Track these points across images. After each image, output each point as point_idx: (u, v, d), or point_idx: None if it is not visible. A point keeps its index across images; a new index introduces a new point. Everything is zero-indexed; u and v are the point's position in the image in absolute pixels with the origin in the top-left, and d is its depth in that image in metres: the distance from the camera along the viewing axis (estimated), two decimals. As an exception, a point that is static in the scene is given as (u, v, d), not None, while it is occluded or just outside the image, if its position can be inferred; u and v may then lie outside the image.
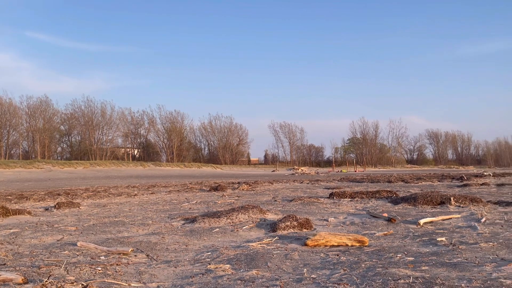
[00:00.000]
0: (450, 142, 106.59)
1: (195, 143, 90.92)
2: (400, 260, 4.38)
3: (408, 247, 5.16)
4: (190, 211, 9.42)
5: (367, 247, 5.14)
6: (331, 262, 4.40)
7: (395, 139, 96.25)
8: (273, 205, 10.45)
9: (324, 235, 5.43)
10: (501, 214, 7.93)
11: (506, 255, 4.56)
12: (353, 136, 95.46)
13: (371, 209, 9.08)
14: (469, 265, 4.12)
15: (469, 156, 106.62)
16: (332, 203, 10.82)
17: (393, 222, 7.21)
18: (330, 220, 7.61)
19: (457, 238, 5.61)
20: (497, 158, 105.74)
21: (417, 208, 9.27)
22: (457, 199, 9.71)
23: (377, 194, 12.23)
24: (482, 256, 4.50)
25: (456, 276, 3.67)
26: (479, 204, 9.40)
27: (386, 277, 3.66)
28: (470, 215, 7.81)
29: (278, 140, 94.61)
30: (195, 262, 4.57)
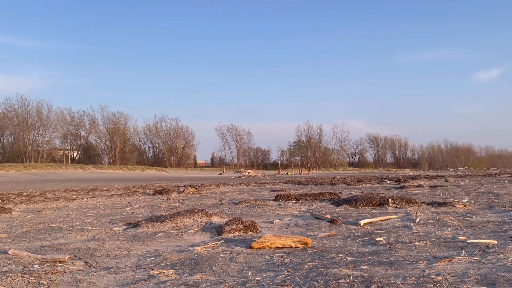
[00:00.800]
0: (389, 146, 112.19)
1: (139, 145, 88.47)
2: (341, 260, 4.53)
3: (349, 247, 5.35)
4: (133, 216, 9.13)
5: (311, 248, 5.26)
6: (275, 264, 4.45)
7: (338, 143, 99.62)
8: (219, 208, 10.40)
9: (269, 238, 5.48)
10: (434, 214, 8.45)
11: (437, 252, 4.86)
12: (298, 140, 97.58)
13: (315, 211, 9.31)
14: (404, 263, 4.34)
15: (406, 159, 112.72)
16: (277, 205, 10.97)
17: (335, 223, 7.44)
18: (276, 222, 7.70)
19: (394, 238, 5.90)
20: (431, 162, 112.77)
21: (358, 209, 9.64)
22: (394, 200, 10.22)
23: (321, 196, 12.57)
24: (416, 254, 4.76)
25: (393, 274, 3.85)
26: (414, 205, 9.96)
27: (328, 277, 3.76)
28: (406, 216, 8.25)
29: (225, 143, 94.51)
30: (137, 268, 4.43)
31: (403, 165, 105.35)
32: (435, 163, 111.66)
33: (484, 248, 4.98)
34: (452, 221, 7.41)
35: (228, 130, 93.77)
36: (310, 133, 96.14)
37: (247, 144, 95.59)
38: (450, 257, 4.52)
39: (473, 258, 4.45)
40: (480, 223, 7.26)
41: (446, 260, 4.35)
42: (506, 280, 3.55)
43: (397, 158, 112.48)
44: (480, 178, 32.74)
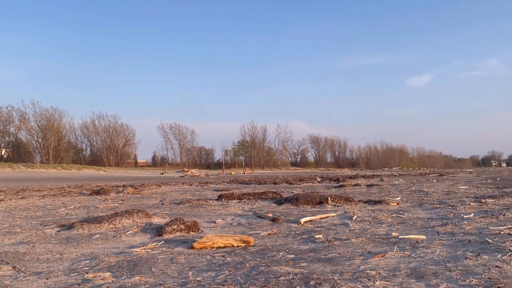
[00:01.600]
0: (329, 146, 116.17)
1: (76, 143, 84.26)
2: (282, 258, 4.60)
3: (289, 245, 5.45)
4: (67, 217, 8.66)
5: (252, 247, 5.29)
6: (217, 263, 4.42)
7: (281, 143, 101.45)
8: (160, 209, 10.17)
9: (211, 237, 5.44)
10: (370, 212, 8.85)
11: (372, 248, 5.08)
12: (242, 139, 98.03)
13: (257, 210, 9.39)
14: (341, 259, 4.50)
15: (345, 159, 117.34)
16: (220, 205, 10.93)
17: (277, 222, 7.55)
18: (218, 222, 7.67)
19: (332, 235, 6.10)
20: (368, 162, 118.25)
21: (299, 208, 9.86)
22: (333, 199, 10.58)
23: (264, 195, 12.71)
24: (352, 251, 4.95)
25: (331, 270, 3.97)
26: (352, 203, 10.38)
27: (268, 275, 3.80)
28: (344, 214, 8.56)
29: (168, 141, 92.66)
30: (71, 271, 4.20)
31: (342, 165, 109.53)
32: (371, 163, 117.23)
33: (414, 243, 5.29)
34: (386, 218, 7.81)
35: (171, 129, 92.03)
36: (254, 133, 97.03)
37: (190, 143, 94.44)
38: (384, 252, 4.75)
39: (404, 253, 4.71)
40: (411, 220, 7.71)
41: (380, 256, 4.57)
42: (433, 273, 3.80)
43: (337, 158, 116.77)
44: (412, 177, 34.84)
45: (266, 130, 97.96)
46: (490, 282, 3.45)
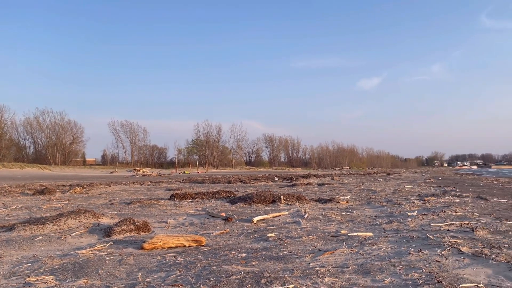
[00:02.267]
0: (283, 146, 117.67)
1: (18, 140, 79.66)
2: (234, 257, 4.60)
3: (242, 244, 5.46)
4: (8, 218, 8.18)
5: (204, 247, 5.25)
6: (167, 264, 4.35)
7: (236, 142, 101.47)
8: (109, 209, 9.84)
9: (162, 238, 5.34)
10: (320, 210, 9.06)
11: (322, 246, 5.21)
12: (196, 138, 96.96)
13: (210, 209, 9.33)
14: (292, 257, 4.57)
15: (298, 159, 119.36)
16: (172, 204, 10.76)
17: (230, 221, 7.54)
18: (170, 222, 7.54)
19: (284, 233, 6.18)
20: (320, 161, 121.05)
21: (252, 206, 9.91)
22: (286, 197, 10.73)
23: (217, 194, 12.66)
24: (303, 248, 5.05)
25: (281, 268, 4.02)
26: (304, 202, 10.58)
27: (220, 274, 3.79)
28: (296, 212, 8.71)
29: (119, 139, 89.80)
30: (11, 275, 3.96)
31: (296, 164, 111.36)
32: (323, 162, 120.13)
33: (362, 240, 5.48)
34: (336, 216, 8.03)
35: (122, 126, 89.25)
36: (208, 131, 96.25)
37: (142, 141, 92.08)
38: (333, 249, 4.88)
39: (352, 250, 4.86)
40: (360, 218, 7.98)
41: (329, 253, 4.69)
42: (378, 269, 3.95)
43: (290, 158, 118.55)
44: (361, 176, 36.08)
45: (220, 129, 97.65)
46: (430, 276, 3.64)
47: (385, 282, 3.51)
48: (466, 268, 3.96)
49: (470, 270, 3.91)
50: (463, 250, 4.72)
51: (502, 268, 3.96)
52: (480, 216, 7.89)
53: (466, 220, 7.34)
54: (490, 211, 8.80)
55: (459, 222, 7.01)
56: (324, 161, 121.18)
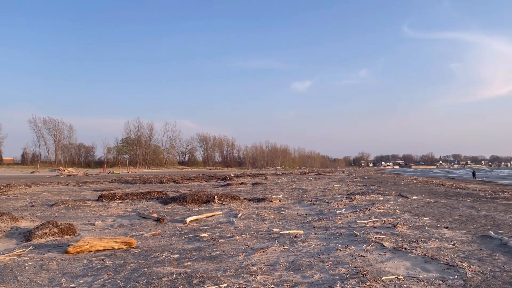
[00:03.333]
0: (217, 146, 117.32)
1: None
2: (165, 259, 4.50)
3: (174, 245, 5.36)
4: None
5: (135, 249, 5.08)
6: (94, 268, 4.14)
7: (169, 141, 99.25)
8: (30, 211, 9.16)
9: (88, 240, 5.08)
10: (254, 209, 9.17)
11: (255, 244, 5.27)
12: (127, 137, 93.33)
13: (141, 210, 9.06)
14: (225, 256, 4.57)
15: (232, 159, 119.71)
16: (100, 205, 10.28)
17: (162, 222, 7.37)
18: (97, 224, 7.19)
19: (217, 233, 6.17)
20: (254, 161, 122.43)
21: (185, 207, 9.77)
22: (220, 197, 10.72)
23: (148, 195, 12.31)
24: (236, 248, 5.07)
25: (214, 268, 4.01)
26: (237, 201, 10.64)
27: (151, 276, 3.69)
28: (230, 211, 8.73)
29: (41, 137, 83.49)
30: None
31: (230, 164, 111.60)
32: (257, 162, 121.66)
33: (293, 238, 5.63)
34: (269, 215, 8.17)
35: (44, 123, 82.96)
36: (140, 130, 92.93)
37: (68, 139, 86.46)
38: (265, 248, 4.96)
39: (284, 248, 4.98)
40: (291, 216, 8.20)
41: (262, 251, 4.76)
42: (308, 265, 4.08)
43: (225, 157, 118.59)
44: (293, 176, 37.09)
45: (153, 127, 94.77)
46: (356, 270, 3.84)
47: (314, 278, 3.64)
48: (388, 262, 4.23)
49: (391, 263, 4.17)
50: (386, 245, 5.03)
51: (419, 260, 4.28)
52: (401, 213, 8.48)
53: (388, 216, 7.84)
54: (409, 208, 9.48)
55: (382, 218, 7.47)
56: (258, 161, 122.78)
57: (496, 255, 4.59)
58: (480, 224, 7.04)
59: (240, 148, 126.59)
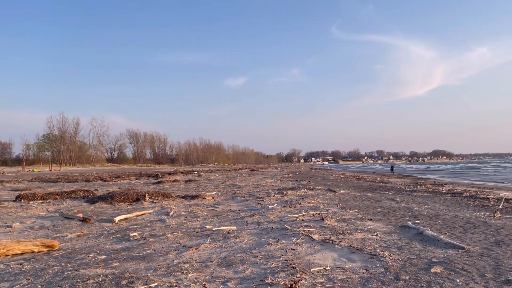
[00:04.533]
0: (148, 142, 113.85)
1: None
2: (91, 260, 4.28)
3: (101, 245, 5.12)
4: None
5: (57, 251, 4.78)
6: (12, 273, 3.83)
7: (96, 138, 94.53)
8: None
9: (4, 244, 4.68)
10: (186, 207, 9.04)
11: (187, 242, 5.20)
12: (49, 133, 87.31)
13: (65, 210, 8.54)
14: (156, 255, 4.46)
15: (165, 155, 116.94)
16: (18, 206, 9.52)
17: (88, 222, 7.01)
18: (15, 226, 6.66)
19: (148, 232, 6.00)
20: (187, 158, 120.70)
21: (114, 206, 9.38)
22: (151, 195, 10.43)
23: (73, 194, 11.66)
24: (168, 246, 4.97)
25: (144, 267, 3.89)
26: (170, 199, 10.43)
27: (75, 279, 3.49)
28: (162, 210, 8.53)
29: None
30: None
31: (162, 161, 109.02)
32: (191, 159, 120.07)
33: (225, 234, 5.64)
34: (202, 212, 8.11)
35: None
36: (64, 126, 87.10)
37: (-21, 134, 79.10)
38: (198, 245, 4.91)
39: (217, 244, 4.97)
40: (225, 212, 8.21)
41: (194, 248, 4.71)
42: (240, 260, 4.12)
43: (157, 154, 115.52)
44: (227, 172, 37.17)
45: (78, 123, 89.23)
46: (286, 263, 3.94)
47: (246, 272, 3.67)
48: (316, 254, 4.39)
49: (319, 255, 4.34)
50: (315, 237, 5.22)
51: (345, 251, 4.50)
52: (329, 207, 8.85)
53: (318, 210, 8.14)
54: (337, 202, 9.93)
55: (312, 212, 7.74)
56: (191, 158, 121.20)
57: (413, 244, 4.96)
58: (400, 216, 7.56)
59: (173, 145, 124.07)
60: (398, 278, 3.48)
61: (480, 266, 3.84)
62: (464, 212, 8.35)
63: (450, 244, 4.82)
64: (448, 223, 6.63)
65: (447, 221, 6.91)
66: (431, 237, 5.26)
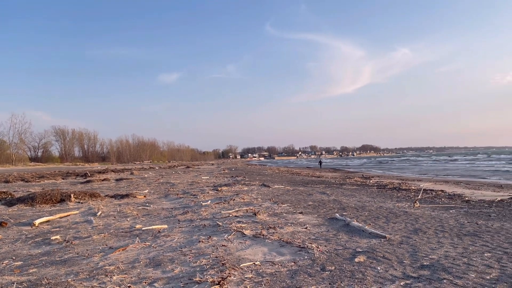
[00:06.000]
0: (77, 140, 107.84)
1: None
2: (6, 267, 3.95)
3: (18, 251, 4.74)
4: None
5: (-35, 260, 4.34)
6: None
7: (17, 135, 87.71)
8: None
9: None
10: (116, 206, 8.68)
11: (114, 243, 4.98)
12: (-38, 130, 79.59)
13: (-22, 215, 7.81)
14: (79, 258, 4.22)
15: (95, 153, 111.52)
16: None
17: (4, 226, 6.46)
18: None
19: (72, 234, 5.66)
20: (119, 155, 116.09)
21: (35, 208, 8.74)
22: (77, 195, 9.87)
23: (-11, 196, 10.70)
24: (93, 248, 4.72)
25: (65, 272, 3.66)
26: (98, 199, 9.94)
27: (-17, 290, 3.19)
28: (88, 210, 8.11)
29: None
30: None
31: (92, 159, 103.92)
32: (123, 156, 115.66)
33: (156, 233, 5.48)
34: (132, 211, 7.82)
35: None
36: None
37: None
38: (125, 246, 4.72)
39: (146, 244, 4.81)
40: (156, 211, 7.99)
41: (121, 250, 4.51)
42: (169, 259, 4.02)
43: (86, 152, 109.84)
44: (161, 170, 36.29)
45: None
46: (217, 260, 3.91)
47: (174, 271, 3.59)
48: (247, 249, 4.41)
49: (250, 250, 4.36)
50: (246, 233, 5.24)
51: (275, 245, 4.56)
52: (263, 201, 8.96)
53: (251, 206, 8.20)
54: (270, 197, 10.08)
55: (245, 208, 7.78)
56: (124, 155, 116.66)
57: (340, 235, 5.16)
58: (329, 208, 7.85)
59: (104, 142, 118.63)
60: (324, 269, 3.59)
61: (400, 254, 4.08)
62: (388, 203, 8.87)
63: (373, 234, 5.09)
64: (373, 214, 7.00)
65: (372, 212, 7.29)
66: (357, 228, 5.51)
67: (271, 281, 3.29)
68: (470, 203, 8.51)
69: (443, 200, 9.14)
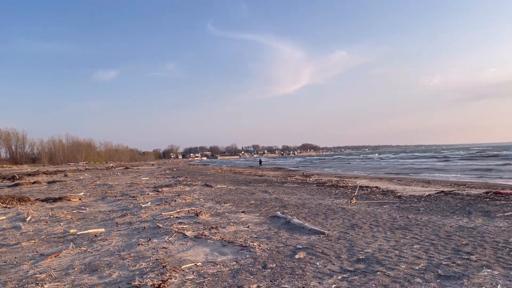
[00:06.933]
0: (3, 140, 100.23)
1: None
2: None
3: None
4: None
5: None
6: None
7: None
8: None
9: None
10: (48, 211, 8.18)
11: (46, 249, 4.69)
12: None
13: None
14: (7, 267, 3.92)
15: (24, 155, 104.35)
16: None
17: None
18: None
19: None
20: (52, 157, 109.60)
21: (-45, 214, 8.01)
22: (4, 200, 9.19)
23: None
24: (22, 256, 4.42)
25: (-10, 283, 3.39)
26: (27, 203, 9.31)
27: None
28: (17, 215, 7.58)
29: None
30: None
31: (21, 160, 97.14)
32: (56, 158, 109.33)
33: (92, 238, 5.24)
34: (65, 216, 7.42)
35: None
36: None
37: None
38: (58, 252, 4.47)
39: (81, 249, 4.58)
40: (93, 214, 7.64)
41: (53, 256, 4.26)
42: (107, 264, 3.86)
43: (14, 154, 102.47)
44: (98, 171, 34.77)
45: None
46: (157, 263, 3.82)
47: (112, 276, 3.45)
48: (188, 250, 4.35)
49: (192, 251, 4.31)
50: (188, 234, 5.17)
51: (217, 245, 4.55)
52: (205, 202, 8.89)
53: (193, 206, 8.10)
54: (213, 197, 10.03)
55: (187, 208, 7.67)
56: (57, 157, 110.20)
57: (281, 233, 5.25)
58: (271, 206, 7.96)
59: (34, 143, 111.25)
60: (266, 266, 3.64)
61: (337, 249, 4.24)
62: (327, 200, 9.18)
63: (313, 230, 5.24)
64: (312, 211, 7.20)
65: (312, 209, 7.51)
66: (297, 225, 5.64)
67: (212, 281, 3.27)
68: (402, 199, 9.03)
69: (378, 196, 9.62)
